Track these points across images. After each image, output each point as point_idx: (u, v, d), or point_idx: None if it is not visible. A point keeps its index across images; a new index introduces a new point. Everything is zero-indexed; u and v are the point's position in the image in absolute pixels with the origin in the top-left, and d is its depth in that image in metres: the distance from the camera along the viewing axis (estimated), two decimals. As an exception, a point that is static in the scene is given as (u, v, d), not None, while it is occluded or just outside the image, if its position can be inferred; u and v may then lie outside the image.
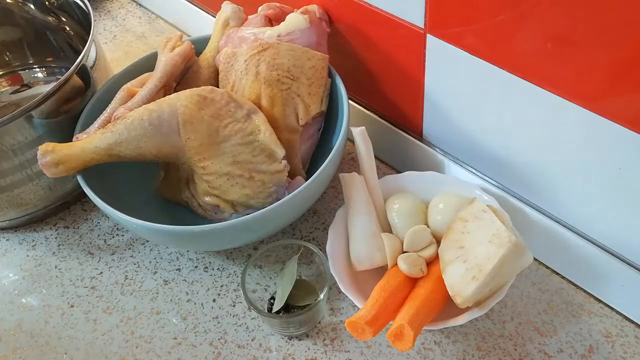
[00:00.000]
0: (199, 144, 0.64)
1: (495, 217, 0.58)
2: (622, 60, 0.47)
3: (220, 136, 0.64)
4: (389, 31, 0.66)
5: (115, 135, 0.65)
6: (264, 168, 0.65)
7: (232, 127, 0.64)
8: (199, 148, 0.64)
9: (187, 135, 0.64)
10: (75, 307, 0.71)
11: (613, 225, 0.59)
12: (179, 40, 0.77)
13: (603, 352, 0.61)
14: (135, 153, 0.65)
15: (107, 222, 0.80)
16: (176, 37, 0.77)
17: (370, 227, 0.65)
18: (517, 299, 0.66)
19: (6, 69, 0.96)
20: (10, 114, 0.67)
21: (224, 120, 0.64)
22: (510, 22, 0.52)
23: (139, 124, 0.64)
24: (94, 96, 0.75)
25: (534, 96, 0.55)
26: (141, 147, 0.64)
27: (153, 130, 0.64)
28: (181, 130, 0.64)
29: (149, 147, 0.64)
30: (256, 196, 0.65)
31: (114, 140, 0.65)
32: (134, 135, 0.64)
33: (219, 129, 0.64)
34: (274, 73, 0.67)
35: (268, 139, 0.65)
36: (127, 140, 0.64)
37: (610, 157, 0.53)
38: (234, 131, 0.64)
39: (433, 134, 0.73)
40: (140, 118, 0.64)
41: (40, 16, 0.92)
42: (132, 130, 0.64)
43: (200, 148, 0.64)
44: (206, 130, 0.64)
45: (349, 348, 0.64)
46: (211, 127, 0.64)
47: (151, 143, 0.64)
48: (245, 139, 0.64)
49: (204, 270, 0.73)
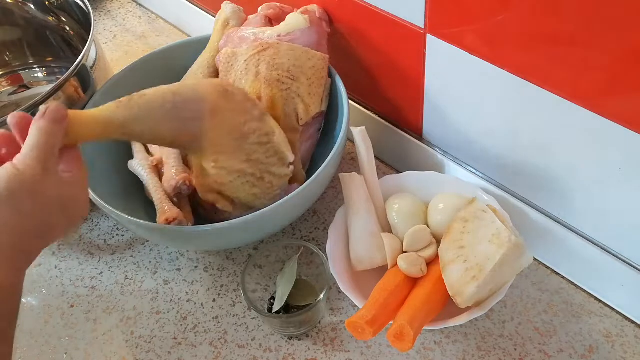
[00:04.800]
0: (219, 137, 0.61)
1: (495, 217, 0.58)
2: (622, 60, 0.47)
3: (241, 133, 0.62)
4: (389, 31, 0.66)
5: (133, 110, 0.57)
6: (275, 170, 0.64)
7: (250, 125, 0.62)
8: (218, 140, 0.61)
9: (213, 125, 0.60)
10: (75, 307, 0.71)
11: (613, 225, 0.59)
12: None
13: (603, 352, 0.61)
14: (149, 134, 0.59)
15: (107, 222, 0.80)
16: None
17: (370, 227, 0.65)
18: (517, 299, 0.66)
19: (6, 69, 0.96)
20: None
21: (244, 116, 0.62)
22: (510, 22, 0.52)
23: (161, 106, 0.58)
24: (94, 96, 0.75)
25: (534, 96, 0.55)
26: (157, 130, 0.58)
27: (175, 112, 0.58)
28: (208, 120, 0.60)
29: (165, 131, 0.59)
30: (263, 197, 0.64)
31: (131, 116, 0.57)
32: (153, 115, 0.58)
33: (240, 125, 0.62)
34: (274, 73, 0.67)
35: (282, 142, 0.65)
36: (145, 119, 0.57)
37: (610, 157, 0.53)
38: (252, 129, 0.62)
39: (433, 134, 0.73)
40: (163, 99, 0.58)
41: (40, 16, 0.91)
42: (152, 110, 0.58)
43: (220, 140, 0.61)
44: (229, 125, 0.61)
45: (349, 348, 0.64)
46: (234, 122, 0.61)
47: (168, 126, 0.59)
48: (262, 139, 0.63)
49: (204, 270, 0.73)
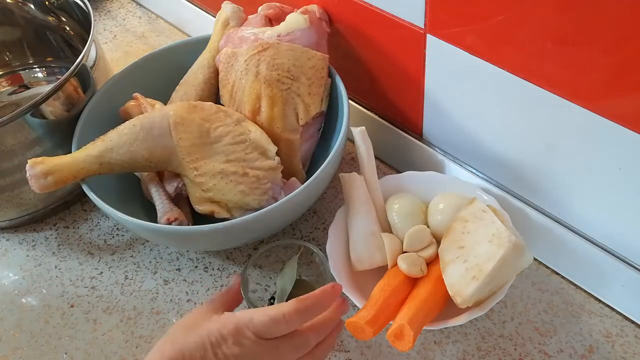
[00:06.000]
0: (190, 144, 0.64)
1: (495, 217, 0.58)
2: (622, 60, 0.47)
3: (212, 137, 0.65)
4: (389, 31, 0.66)
5: (106, 142, 0.66)
6: (258, 164, 0.65)
7: (222, 129, 0.66)
8: (190, 148, 0.64)
9: (179, 135, 0.64)
10: (75, 307, 0.71)
11: (613, 224, 0.59)
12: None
13: (603, 352, 0.61)
14: (127, 157, 0.65)
15: (107, 222, 0.80)
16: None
17: (370, 227, 0.65)
18: (517, 299, 0.66)
19: (6, 69, 0.96)
20: (10, 114, 0.67)
21: (214, 123, 0.66)
22: (510, 22, 0.52)
23: (130, 130, 0.65)
24: (94, 96, 0.75)
25: (534, 96, 0.55)
26: (132, 151, 0.65)
27: (144, 133, 0.65)
28: (172, 132, 0.64)
29: (141, 151, 0.65)
30: (252, 192, 0.64)
31: (105, 147, 0.65)
32: (125, 140, 0.65)
33: (210, 130, 0.65)
34: (274, 73, 0.67)
35: (259, 136, 0.66)
36: (118, 146, 0.65)
37: (610, 157, 0.53)
38: (225, 132, 0.65)
39: (433, 134, 0.73)
40: (131, 124, 0.66)
41: (40, 16, 0.91)
42: (123, 135, 0.65)
43: (192, 148, 0.64)
44: (197, 131, 0.65)
45: (349, 348, 0.64)
46: (202, 128, 0.65)
47: (143, 146, 0.65)
48: (237, 139, 0.65)
49: (204, 270, 0.73)
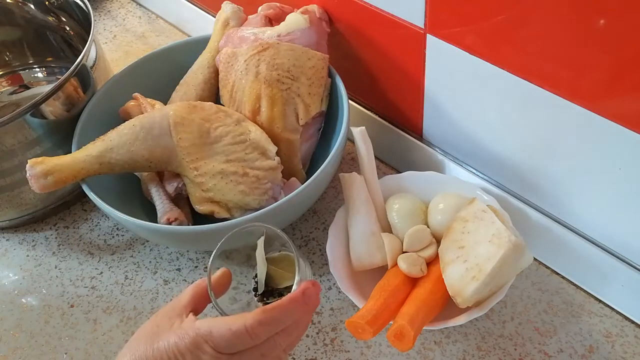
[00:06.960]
0: (190, 144, 0.64)
1: (495, 217, 0.58)
2: (622, 61, 0.47)
3: (212, 137, 0.65)
4: (389, 31, 0.66)
5: (106, 142, 0.66)
6: (258, 164, 0.65)
7: (222, 129, 0.66)
8: (190, 148, 0.64)
9: (179, 135, 0.64)
10: (75, 307, 0.71)
11: (613, 224, 0.59)
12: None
13: (603, 352, 0.61)
14: (127, 157, 0.65)
15: (107, 222, 0.80)
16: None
17: (370, 227, 0.65)
18: (517, 299, 0.66)
19: (6, 69, 0.96)
20: (10, 114, 0.67)
21: (214, 123, 0.66)
22: (510, 22, 0.52)
23: (130, 130, 0.65)
24: (94, 96, 0.75)
25: (534, 96, 0.55)
26: (132, 151, 0.65)
27: (144, 133, 0.65)
28: (172, 131, 0.64)
29: (141, 150, 0.65)
30: (252, 192, 0.64)
31: (105, 147, 0.65)
32: (125, 140, 0.65)
33: (210, 130, 0.65)
34: (274, 73, 0.67)
35: (259, 136, 0.66)
36: (119, 146, 0.65)
37: (610, 157, 0.53)
38: (225, 132, 0.65)
39: (433, 134, 0.73)
40: (131, 124, 0.66)
41: (40, 16, 0.91)
42: (123, 135, 0.65)
43: (192, 148, 0.64)
44: (197, 130, 0.65)
45: (349, 348, 0.64)
46: (202, 128, 0.65)
47: (143, 146, 0.65)
48: (237, 139, 0.65)
49: (204, 270, 0.73)
